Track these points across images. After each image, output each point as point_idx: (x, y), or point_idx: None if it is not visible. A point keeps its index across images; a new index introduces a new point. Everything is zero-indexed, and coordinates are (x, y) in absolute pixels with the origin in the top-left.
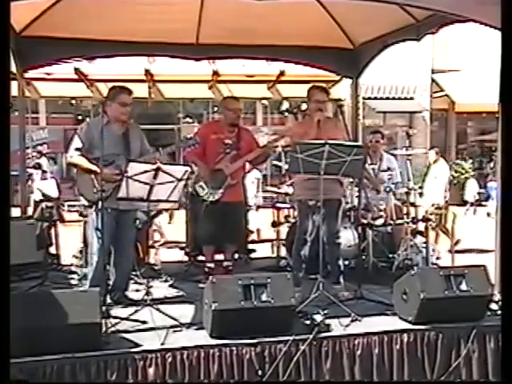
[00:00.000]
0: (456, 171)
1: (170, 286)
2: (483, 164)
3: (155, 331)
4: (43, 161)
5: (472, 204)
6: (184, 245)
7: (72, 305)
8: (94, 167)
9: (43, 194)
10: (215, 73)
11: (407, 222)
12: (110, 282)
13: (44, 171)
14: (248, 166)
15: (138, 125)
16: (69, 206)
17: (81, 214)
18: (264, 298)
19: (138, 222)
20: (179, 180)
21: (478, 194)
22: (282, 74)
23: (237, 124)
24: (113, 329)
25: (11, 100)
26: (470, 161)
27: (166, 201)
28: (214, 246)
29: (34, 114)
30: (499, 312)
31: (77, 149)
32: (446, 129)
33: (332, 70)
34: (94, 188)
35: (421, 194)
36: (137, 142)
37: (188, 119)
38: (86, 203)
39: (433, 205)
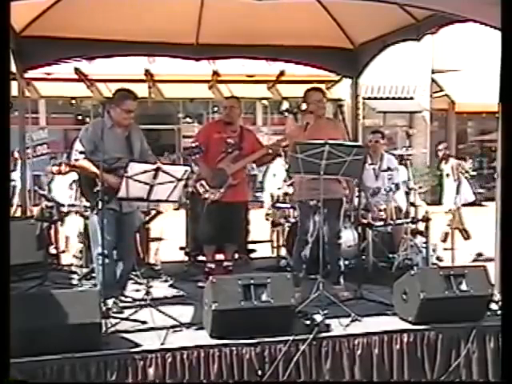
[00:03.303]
0: None
1: (170, 286)
2: (483, 164)
3: (155, 331)
4: None
5: None
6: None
7: (72, 305)
8: (98, 171)
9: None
10: (215, 73)
11: (407, 222)
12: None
13: None
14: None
15: (138, 125)
16: (69, 205)
17: (81, 215)
18: (264, 298)
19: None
20: (179, 180)
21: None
22: (281, 74)
23: (231, 122)
24: (113, 329)
25: (11, 100)
26: (470, 161)
27: (166, 201)
28: (215, 245)
29: (34, 114)
30: (499, 312)
31: (81, 152)
32: (446, 129)
33: (332, 70)
34: (97, 190)
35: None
36: (137, 143)
37: (188, 119)
38: (89, 204)
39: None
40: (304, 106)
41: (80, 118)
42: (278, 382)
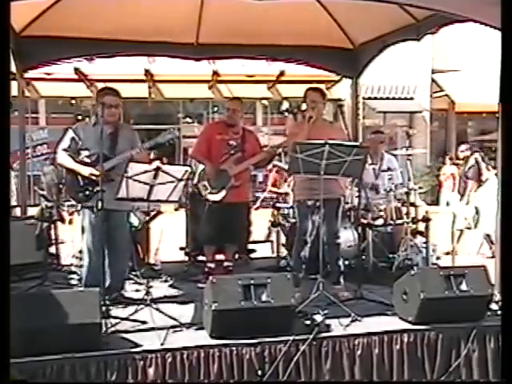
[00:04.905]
0: None
1: (170, 286)
2: None
3: (155, 331)
4: None
5: None
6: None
7: (72, 305)
8: (77, 167)
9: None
10: (215, 73)
11: (407, 222)
12: (107, 283)
13: None
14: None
15: (131, 125)
16: (68, 206)
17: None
18: (264, 298)
19: (135, 222)
20: (179, 180)
21: None
22: (281, 74)
23: (233, 124)
24: (113, 329)
25: (11, 100)
26: None
27: (166, 201)
28: (216, 245)
29: (34, 114)
30: (499, 312)
31: (64, 149)
32: (446, 129)
33: (332, 70)
34: (79, 187)
35: None
36: (125, 143)
37: (188, 119)
38: (74, 202)
39: None
40: (304, 106)
41: (80, 117)
42: (278, 382)
